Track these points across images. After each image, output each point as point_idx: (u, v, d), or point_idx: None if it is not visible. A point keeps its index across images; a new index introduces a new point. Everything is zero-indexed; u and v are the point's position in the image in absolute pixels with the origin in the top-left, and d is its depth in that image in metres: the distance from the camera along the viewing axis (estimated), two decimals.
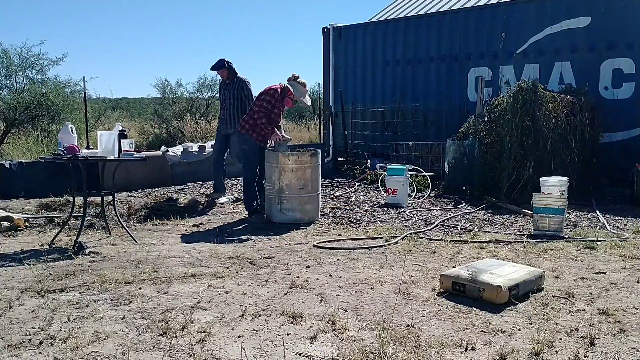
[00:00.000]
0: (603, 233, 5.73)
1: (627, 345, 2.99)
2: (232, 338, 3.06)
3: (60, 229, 5.60)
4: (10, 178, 8.04)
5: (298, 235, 5.76)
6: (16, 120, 12.73)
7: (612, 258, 4.76)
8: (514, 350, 2.90)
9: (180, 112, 18.54)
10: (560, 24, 8.74)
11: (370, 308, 3.54)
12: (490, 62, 9.53)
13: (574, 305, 3.60)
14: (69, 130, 5.38)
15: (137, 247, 5.20)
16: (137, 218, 6.49)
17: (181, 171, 9.62)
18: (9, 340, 3.00)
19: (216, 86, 18.69)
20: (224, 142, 7.74)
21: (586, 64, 8.54)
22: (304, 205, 6.34)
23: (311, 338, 3.06)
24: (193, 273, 4.28)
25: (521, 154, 7.45)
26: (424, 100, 10.35)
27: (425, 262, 4.67)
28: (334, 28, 11.68)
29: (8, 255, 4.86)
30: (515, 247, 5.19)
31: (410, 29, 10.61)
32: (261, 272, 4.33)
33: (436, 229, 6.01)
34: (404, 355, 2.84)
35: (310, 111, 22.33)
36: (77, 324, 3.23)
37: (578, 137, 7.67)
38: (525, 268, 4.01)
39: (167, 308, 3.51)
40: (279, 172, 6.27)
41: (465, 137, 8.20)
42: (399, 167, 7.68)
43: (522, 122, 7.46)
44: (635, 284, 4.03)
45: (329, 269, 4.43)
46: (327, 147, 11.58)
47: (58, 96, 12.92)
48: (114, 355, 2.84)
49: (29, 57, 13.55)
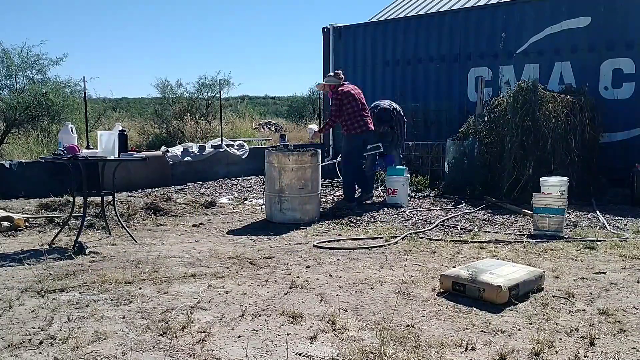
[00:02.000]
0: (603, 233, 5.73)
1: (627, 345, 2.99)
2: (232, 338, 3.06)
3: (60, 229, 5.60)
4: (10, 178, 8.04)
5: (298, 235, 5.76)
6: (16, 120, 12.71)
7: (612, 258, 4.76)
8: (514, 350, 2.90)
9: (180, 112, 18.52)
10: (560, 24, 8.74)
11: (370, 308, 3.54)
12: (490, 62, 9.52)
13: (574, 305, 3.60)
14: (69, 130, 5.37)
15: (137, 247, 5.20)
16: (137, 218, 6.49)
17: (181, 171, 9.63)
18: (9, 340, 3.00)
19: (216, 86, 18.72)
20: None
21: (586, 64, 8.55)
22: (304, 205, 6.34)
23: (311, 338, 3.06)
24: (193, 273, 4.28)
25: (521, 154, 7.46)
26: (424, 100, 10.35)
27: (425, 262, 4.67)
28: (334, 28, 11.68)
29: (8, 255, 4.86)
30: (515, 247, 5.19)
31: (410, 29, 10.61)
32: (261, 272, 4.33)
33: (436, 229, 6.01)
34: (404, 355, 2.84)
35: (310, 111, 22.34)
36: (77, 324, 3.23)
37: (578, 137, 7.66)
38: (525, 268, 4.01)
39: (167, 308, 3.51)
40: (279, 172, 6.28)
41: (465, 137, 8.20)
42: (399, 167, 7.69)
43: (522, 122, 7.46)
44: (635, 284, 4.03)
45: (329, 269, 4.43)
46: (327, 147, 11.58)
47: (58, 96, 12.89)
48: (114, 355, 2.84)
49: (29, 57, 13.53)
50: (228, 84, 19.49)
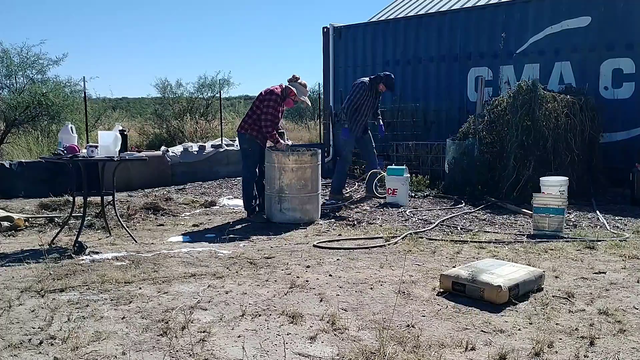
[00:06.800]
0: (603, 233, 5.73)
1: (627, 345, 2.99)
2: (232, 338, 3.06)
3: (60, 229, 5.60)
4: (10, 178, 8.05)
5: (298, 235, 5.76)
6: (16, 120, 12.71)
7: (612, 258, 4.76)
8: (514, 350, 2.90)
9: (180, 112, 18.53)
10: (560, 24, 8.75)
11: (370, 308, 3.54)
12: (490, 62, 9.53)
13: (574, 305, 3.60)
14: (69, 130, 5.38)
15: (137, 247, 5.20)
16: (137, 218, 6.49)
17: (181, 171, 9.63)
18: (9, 340, 3.00)
19: (216, 86, 18.72)
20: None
21: (586, 64, 8.55)
22: (304, 205, 6.34)
23: (311, 338, 3.06)
24: (193, 273, 4.28)
25: (521, 153, 7.46)
26: (424, 100, 10.36)
27: (425, 262, 4.67)
28: (334, 28, 11.68)
29: (8, 255, 4.86)
30: (515, 247, 5.19)
31: (410, 29, 10.62)
32: (261, 272, 4.33)
33: (436, 229, 6.01)
34: (404, 355, 2.84)
35: (310, 111, 22.33)
36: (77, 324, 3.23)
37: (578, 137, 7.65)
38: (525, 268, 4.01)
39: (167, 308, 3.51)
40: (279, 172, 6.28)
41: (465, 137, 8.20)
42: (399, 167, 7.69)
43: (522, 122, 7.46)
44: (635, 284, 4.03)
45: (329, 269, 4.43)
46: (327, 147, 11.58)
47: (58, 96, 12.90)
48: (114, 355, 2.84)
49: (29, 57, 13.54)
50: (228, 84, 19.53)
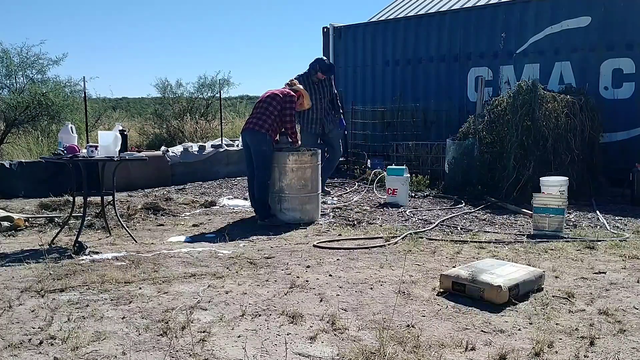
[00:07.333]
0: (603, 233, 5.73)
1: (627, 345, 2.99)
2: (232, 338, 3.06)
3: (60, 229, 5.60)
4: (10, 178, 8.04)
5: (298, 235, 5.76)
6: (16, 120, 12.72)
7: (612, 258, 4.76)
8: (514, 350, 2.90)
9: (180, 112, 18.52)
10: (560, 24, 8.74)
11: (370, 308, 3.54)
12: (490, 62, 9.52)
13: (574, 305, 3.60)
14: (69, 130, 5.38)
15: (137, 247, 5.20)
16: (137, 218, 6.49)
17: (181, 171, 9.62)
18: (9, 340, 3.00)
19: (216, 86, 18.70)
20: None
21: (586, 64, 8.55)
22: (304, 205, 6.34)
23: (311, 338, 3.06)
24: (193, 273, 4.28)
25: (521, 153, 7.45)
26: (424, 100, 10.35)
27: (425, 262, 4.67)
28: (334, 28, 11.68)
29: (8, 255, 4.86)
30: (515, 247, 5.19)
31: (410, 29, 10.61)
32: (261, 272, 4.33)
33: (436, 229, 6.01)
34: (404, 355, 2.84)
35: None
36: (77, 324, 3.23)
37: (578, 137, 7.65)
38: (525, 268, 4.01)
39: (167, 308, 3.51)
40: (279, 172, 6.27)
41: (465, 137, 8.20)
42: (399, 167, 7.69)
43: (522, 122, 7.46)
44: (635, 284, 4.03)
45: (329, 268, 4.43)
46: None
47: (58, 96, 12.90)
48: (114, 355, 2.84)
49: (29, 57, 13.53)
50: (228, 84, 19.51)
